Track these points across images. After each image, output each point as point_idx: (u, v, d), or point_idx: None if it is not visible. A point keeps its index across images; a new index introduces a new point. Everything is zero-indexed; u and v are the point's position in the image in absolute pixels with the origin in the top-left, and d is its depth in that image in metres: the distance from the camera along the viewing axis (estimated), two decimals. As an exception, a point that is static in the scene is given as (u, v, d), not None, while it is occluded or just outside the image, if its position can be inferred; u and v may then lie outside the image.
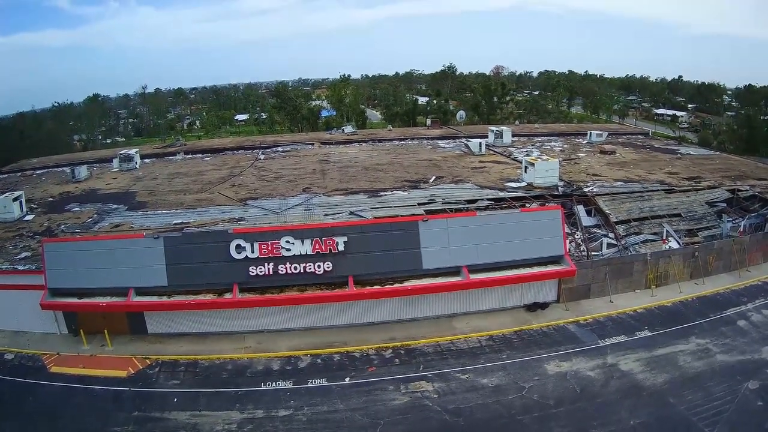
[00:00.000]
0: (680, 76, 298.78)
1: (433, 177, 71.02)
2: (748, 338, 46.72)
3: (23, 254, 52.07)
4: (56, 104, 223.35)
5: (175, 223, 55.57)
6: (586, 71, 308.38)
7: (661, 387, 39.82)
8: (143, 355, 45.85)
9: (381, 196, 62.93)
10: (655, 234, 59.24)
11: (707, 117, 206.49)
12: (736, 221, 64.81)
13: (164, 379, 42.84)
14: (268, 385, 41.64)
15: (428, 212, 54.69)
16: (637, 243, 57.94)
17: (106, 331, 47.73)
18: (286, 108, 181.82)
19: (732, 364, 42.62)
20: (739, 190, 68.42)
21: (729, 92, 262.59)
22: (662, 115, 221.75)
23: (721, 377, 40.71)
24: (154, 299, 46.67)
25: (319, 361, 44.88)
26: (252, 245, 46.22)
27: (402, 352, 45.87)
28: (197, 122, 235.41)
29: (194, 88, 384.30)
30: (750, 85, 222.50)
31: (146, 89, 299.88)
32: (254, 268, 46.42)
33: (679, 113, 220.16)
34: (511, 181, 68.16)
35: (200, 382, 42.36)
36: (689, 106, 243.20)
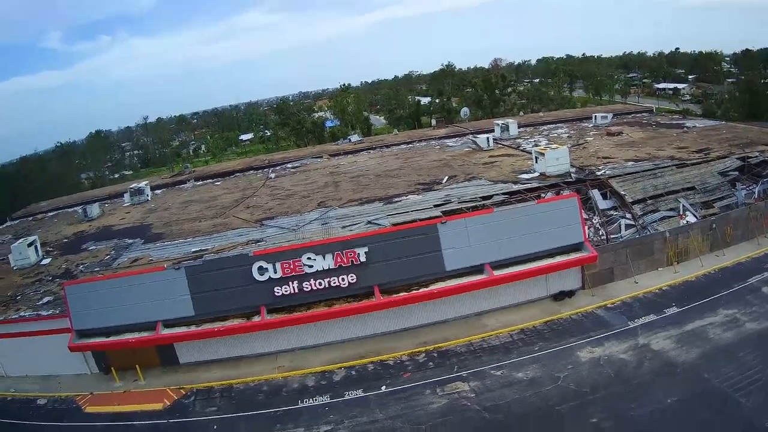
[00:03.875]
0: (677, 48, 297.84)
1: (446, 177, 71.15)
2: (775, 304, 46.82)
3: (45, 299, 52.51)
4: (59, 144, 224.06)
5: (194, 252, 55.90)
6: (584, 53, 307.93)
7: (695, 362, 39.88)
8: (177, 386, 46.13)
9: (396, 201, 63.10)
10: (671, 210, 59.33)
11: (708, 86, 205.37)
12: (750, 188, 64.80)
13: (201, 407, 43.11)
14: (306, 402, 41.86)
15: (445, 213, 55.01)
16: (655, 221, 58.00)
17: (137, 366, 48.04)
18: (290, 123, 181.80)
19: (761, 331, 42.67)
20: (749, 157, 68.30)
21: (727, 59, 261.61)
22: (664, 89, 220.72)
23: (752, 346, 40.75)
24: (183, 330, 46.94)
25: (353, 372, 45.11)
26: (274, 266, 46.42)
27: (435, 355, 46.05)
28: (202, 147, 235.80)
29: (196, 113, 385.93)
30: (747, 49, 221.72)
31: (147, 119, 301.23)
32: (279, 288, 46.64)
33: (680, 86, 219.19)
34: (524, 173, 68.18)
35: (237, 407, 42.63)
36: (689, 77, 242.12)
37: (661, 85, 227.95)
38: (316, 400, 41.93)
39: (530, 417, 36.75)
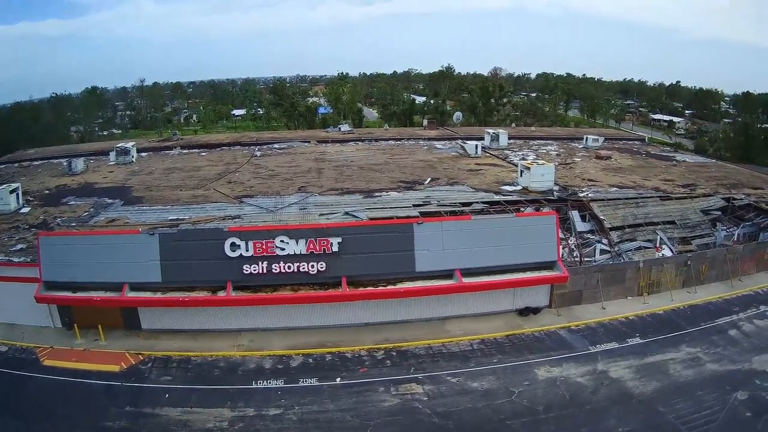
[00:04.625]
0: (678, 81, 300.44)
1: (429, 178, 71.27)
2: (739, 348, 46.96)
3: (18, 246, 52.21)
4: (54, 95, 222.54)
5: (171, 220, 55.73)
6: (584, 74, 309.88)
7: (651, 395, 40.00)
8: (136, 351, 45.94)
9: (376, 196, 63.18)
10: (648, 241, 59.49)
11: (704, 123, 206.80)
12: (731, 230, 65.17)
13: (156, 375, 42.90)
14: (260, 383, 41.75)
15: (423, 214, 54.91)
16: (631, 250, 58.20)
17: (99, 325, 47.78)
18: (284, 105, 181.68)
19: (722, 373, 42.86)
20: (734, 199, 68.64)
21: (726, 98, 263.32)
22: (659, 120, 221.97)
23: (711, 386, 40.89)
24: (149, 295, 46.74)
25: (311, 360, 45.03)
26: (247, 244, 46.31)
27: (394, 353, 46.03)
28: (194, 116, 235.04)
29: (192, 82, 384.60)
30: (748, 92, 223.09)
31: (144, 82, 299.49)
32: (248, 266, 46.52)
33: (675, 119, 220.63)
34: (507, 185, 68.40)
35: (192, 379, 42.46)
36: (686, 111, 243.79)
37: (657, 116, 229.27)
38: (270, 382, 41.81)
39: (481, 428, 36.73)
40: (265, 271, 46.68)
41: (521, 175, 68.27)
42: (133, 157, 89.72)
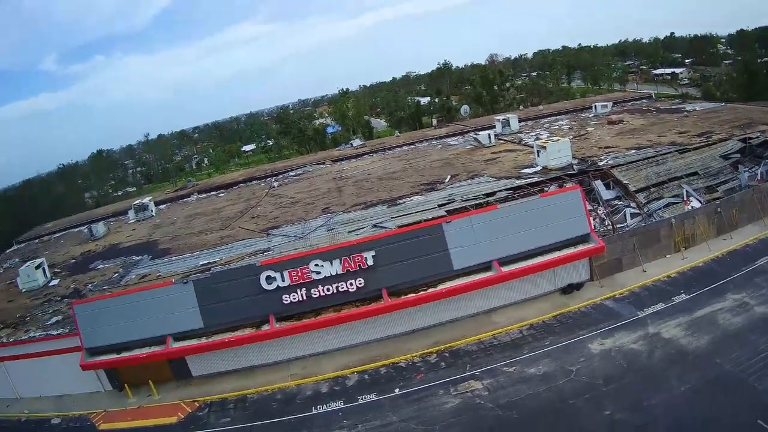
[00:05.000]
0: (672, 33, 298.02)
1: (448, 176, 71.23)
2: (785, 284, 46.79)
3: (54, 319, 52.69)
4: (61, 165, 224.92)
5: (202, 265, 56.02)
6: (579, 44, 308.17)
7: (706, 348, 39.89)
8: (191, 399, 46.28)
9: (400, 203, 63.16)
10: (675, 197, 59.33)
11: (706, 69, 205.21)
12: (753, 170, 64.75)
13: (215, 419, 43.20)
14: (320, 408, 41.93)
15: (449, 212, 55.04)
16: (660, 208, 58.03)
17: (150, 381, 48.07)
18: (291, 132, 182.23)
19: (771, 314, 42.79)
20: (751, 138, 68.19)
21: (723, 40, 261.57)
22: (661, 75, 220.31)
23: (762, 329, 40.76)
24: (194, 342, 46.99)
25: (366, 377, 45.19)
26: (282, 274, 46.53)
27: (446, 354, 46.07)
28: (205, 160, 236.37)
29: (197, 127, 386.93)
30: (742, 30, 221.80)
31: (149, 136, 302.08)
32: (287, 296, 46.72)
33: (677, 70, 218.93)
34: (526, 168, 68.28)
35: (252, 416, 42.71)
36: (686, 61, 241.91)
37: (659, 71, 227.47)
38: (329, 405, 42.00)
39: (545, 411, 36.74)
40: (305, 297, 46.86)
41: (538, 156, 68.14)
42: (152, 211, 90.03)
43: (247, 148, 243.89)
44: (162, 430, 42.95)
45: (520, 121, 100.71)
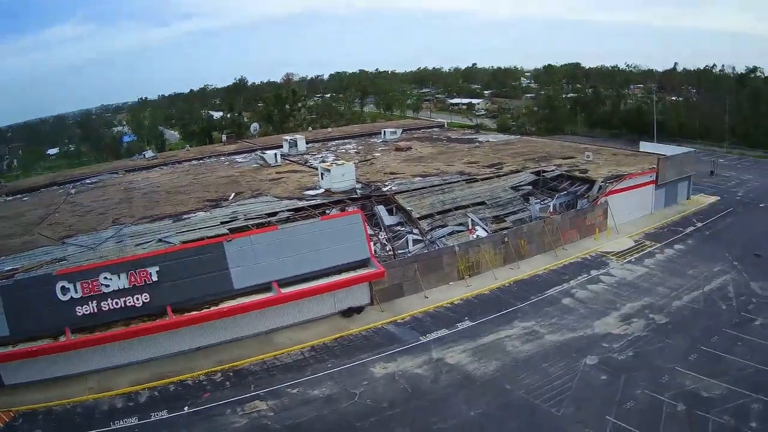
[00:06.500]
0: (474, 64, 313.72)
1: (233, 193, 73.02)
2: (576, 315, 51.55)
3: None
4: None
5: (7, 271, 54.90)
6: (377, 69, 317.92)
7: (494, 374, 43.26)
8: (7, 408, 45.28)
9: (185, 218, 64.16)
10: (460, 225, 63.37)
11: (505, 101, 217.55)
12: (545, 202, 70.44)
13: (28, 430, 42.69)
14: (117, 423, 42.14)
15: (232, 230, 56.41)
16: (443, 236, 61.89)
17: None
18: (91, 138, 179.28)
19: (564, 342, 46.93)
20: (545, 171, 74.10)
21: (527, 74, 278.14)
22: (458, 104, 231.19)
23: (556, 357, 44.64)
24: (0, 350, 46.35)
25: (156, 393, 45.73)
26: (75, 285, 46.70)
27: (231, 374, 47.45)
28: (14, 161, 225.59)
29: (10, 126, 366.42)
30: (550, 65, 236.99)
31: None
32: (80, 308, 46.84)
33: (474, 101, 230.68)
34: (309, 189, 71.19)
35: (59, 429, 42.57)
36: (485, 92, 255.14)
37: (455, 100, 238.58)
38: (125, 421, 42.23)
39: (332, 434, 38.92)
40: (96, 310, 47.16)
41: (322, 178, 71.24)
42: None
43: (52, 151, 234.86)
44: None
45: (308, 143, 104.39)
